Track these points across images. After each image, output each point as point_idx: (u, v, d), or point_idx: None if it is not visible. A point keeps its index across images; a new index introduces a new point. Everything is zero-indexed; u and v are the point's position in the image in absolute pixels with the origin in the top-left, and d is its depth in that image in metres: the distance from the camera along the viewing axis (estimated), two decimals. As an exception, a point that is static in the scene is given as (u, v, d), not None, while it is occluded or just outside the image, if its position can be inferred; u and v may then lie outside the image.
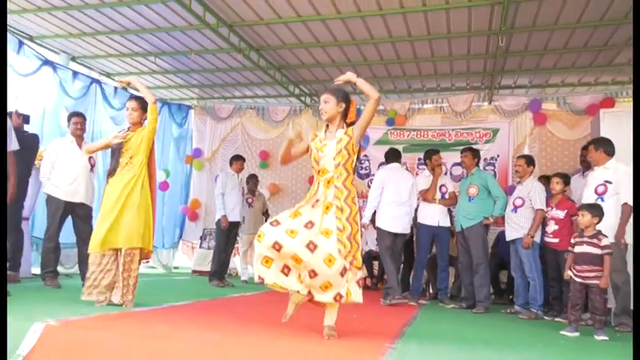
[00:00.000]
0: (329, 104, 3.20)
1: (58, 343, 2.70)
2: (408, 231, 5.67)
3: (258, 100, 9.43)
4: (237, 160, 7.05)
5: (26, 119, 5.42)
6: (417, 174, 8.11)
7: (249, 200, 7.38)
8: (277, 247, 2.94)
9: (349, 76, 3.22)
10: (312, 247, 2.94)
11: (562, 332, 3.96)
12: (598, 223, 4.08)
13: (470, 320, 4.66)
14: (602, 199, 4.37)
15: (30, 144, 5.15)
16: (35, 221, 6.25)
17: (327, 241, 2.95)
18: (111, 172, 3.96)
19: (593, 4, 5.38)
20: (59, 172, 5.03)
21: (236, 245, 7.61)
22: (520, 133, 8.00)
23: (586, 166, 5.51)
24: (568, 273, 4.11)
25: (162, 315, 3.67)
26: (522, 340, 3.69)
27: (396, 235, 5.51)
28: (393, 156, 5.85)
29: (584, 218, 4.08)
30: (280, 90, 8.70)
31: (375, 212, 5.55)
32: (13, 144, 4.46)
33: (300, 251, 2.91)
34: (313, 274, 2.94)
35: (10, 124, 4.46)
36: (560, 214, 4.94)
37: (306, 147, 3.35)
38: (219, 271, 6.62)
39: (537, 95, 7.97)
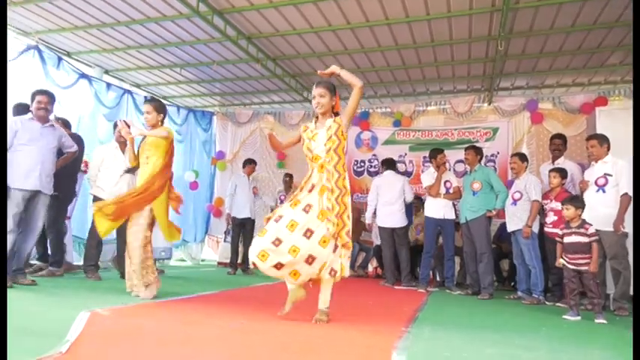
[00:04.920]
0: (325, 98, 3.17)
1: (103, 329, 2.73)
2: (403, 224, 6.12)
3: (275, 106, 9.44)
4: (250, 163, 7.32)
5: (66, 124, 5.47)
6: (422, 171, 8.12)
7: (282, 197, 7.42)
8: (277, 242, 2.94)
9: (334, 68, 3.18)
10: (308, 234, 2.96)
11: (564, 317, 3.91)
12: (582, 213, 4.05)
13: (476, 306, 4.62)
14: (604, 191, 4.31)
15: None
16: (84, 221, 6.32)
17: (322, 224, 2.99)
18: (131, 169, 3.93)
19: (586, 9, 5.29)
20: (104, 176, 5.08)
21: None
22: (518, 131, 7.90)
23: (554, 155, 5.44)
24: (560, 261, 4.08)
25: (193, 303, 3.70)
26: (527, 324, 3.64)
27: (393, 229, 6.05)
28: (387, 164, 6.43)
29: (569, 211, 4.05)
30: (295, 96, 8.69)
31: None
32: (74, 146, 4.61)
33: (298, 242, 2.94)
34: (311, 259, 2.94)
35: (62, 130, 4.54)
36: (559, 205, 4.85)
37: (298, 137, 3.35)
38: (233, 261, 7.04)
39: (534, 96, 7.86)
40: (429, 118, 8.42)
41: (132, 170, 3.95)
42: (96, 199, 5.05)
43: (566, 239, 4.02)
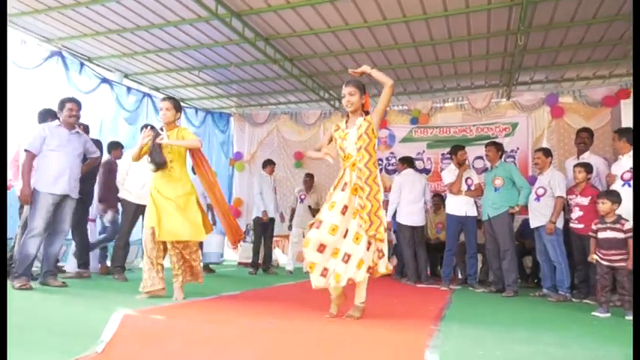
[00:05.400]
0: (355, 97, 3.22)
1: (136, 329, 2.78)
2: (424, 223, 6.25)
3: (291, 106, 9.47)
4: (270, 164, 7.33)
5: (86, 129, 5.56)
6: (441, 169, 8.06)
7: (302, 196, 7.44)
8: (321, 248, 3.05)
9: (365, 68, 3.21)
10: (345, 234, 3.05)
11: (594, 313, 3.84)
12: (617, 208, 3.98)
13: (501, 303, 4.58)
14: (630, 185, 4.23)
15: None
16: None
17: (354, 222, 3.06)
18: (158, 168, 3.84)
19: (608, 1, 5.19)
20: (131, 179, 5.16)
21: (275, 239, 7.77)
22: (538, 126, 7.80)
23: (580, 149, 5.33)
24: (593, 257, 4.01)
25: (221, 303, 3.74)
26: (556, 321, 3.60)
27: (413, 227, 6.07)
28: (407, 162, 6.46)
29: (605, 205, 3.97)
30: (311, 95, 8.71)
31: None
32: (97, 152, 4.73)
33: (338, 243, 3.04)
34: (347, 257, 3.00)
35: (86, 136, 4.64)
36: (585, 200, 4.79)
37: (330, 138, 3.41)
38: (255, 261, 7.02)
39: (554, 90, 7.74)
40: (446, 115, 8.37)
41: (156, 170, 3.91)
42: (124, 202, 5.13)
43: (601, 234, 3.95)
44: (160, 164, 3.84)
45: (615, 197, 3.99)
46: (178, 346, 2.59)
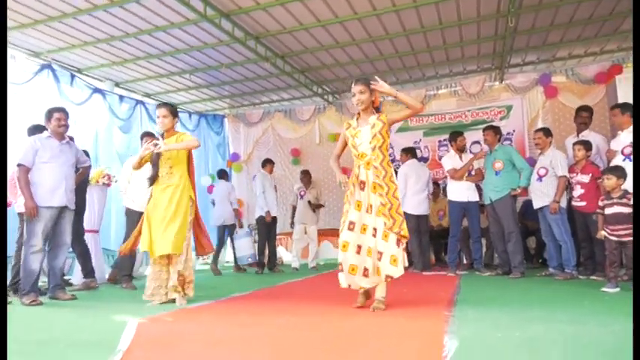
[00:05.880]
0: (365, 95, 3.26)
1: (152, 337, 2.78)
2: (428, 212, 6.34)
3: (285, 103, 9.45)
4: (269, 163, 7.30)
5: (71, 139, 5.51)
6: (439, 156, 8.09)
7: (302, 193, 7.43)
8: (359, 249, 3.15)
9: (389, 90, 3.24)
10: (374, 232, 3.14)
11: (603, 289, 3.88)
12: (623, 183, 4.00)
13: (510, 285, 4.61)
14: (630, 160, 4.26)
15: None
16: (108, 234, 6.42)
17: (380, 220, 3.11)
18: (152, 181, 3.87)
19: (596, -23, 5.21)
20: (134, 187, 5.12)
21: (278, 237, 7.77)
22: (533, 107, 7.84)
23: (580, 128, 5.37)
24: (602, 233, 4.04)
25: (233, 304, 3.74)
26: (567, 299, 3.62)
27: (418, 216, 6.13)
28: (410, 152, 6.57)
29: (610, 181, 4.00)
30: (304, 91, 8.70)
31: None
32: (88, 161, 4.73)
33: (370, 242, 3.15)
34: (379, 255, 3.06)
35: (76, 145, 4.57)
36: (585, 178, 4.83)
37: (344, 139, 3.43)
38: (261, 260, 6.99)
39: (546, 70, 7.77)
40: (440, 102, 8.38)
41: (153, 181, 3.92)
42: (128, 211, 5.10)
43: (608, 210, 3.98)
44: (152, 180, 3.88)
45: (620, 172, 4.01)
46: (196, 350, 2.59)
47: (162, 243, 3.73)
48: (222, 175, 7.60)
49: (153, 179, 3.88)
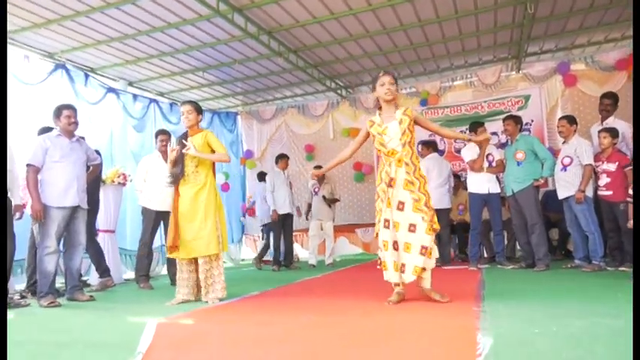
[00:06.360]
0: (394, 86, 3.25)
1: (172, 337, 2.69)
2: (448, 206, 6.21)
3: (298, 99, 9.33)
4: (282, 158, 7.15)
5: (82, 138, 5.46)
6: (455, 149, 7.93)
7: (315, 189, 7.33)
8: (396, 246, 3.13)
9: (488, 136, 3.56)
10: (412, 228, 3.11)
11: (636, 280, 3.71)
12: None
13: (535, 278, 4.45)
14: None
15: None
16: (124, 234, 6.38)
17: (418, 216, 3.10)
18: (176, 180, 3.81)
19: (619, -41, 5.00)
20: (150, 186, 5.05)
21: (294, 233, 7.68)
22: (551, 96, 7.63)
23: (606, 115, 5.16)
24: (631, 223, 3.85)
25: (253, 303, 3.65)
26: (600, 292, 3.46)
27: (439, 210, 5.83)
28: (432, 146, 6.45)
29: (642, 168, 3.80)
30: (317, 86, 8.58)
31: None
32: (98, 158, 4.60)
33: (407, 238, 3.11)
34: (424, 249, 3.06)
35: (86, 143, 4.48)
36: (612, 166, 4.64)
37: (365, 134, 3.40)
38: (277, 257, 6.90)
39: (564, 58, 7.54)
40: (456, 94, 8.21)
41: (174, 183, 3.86)
42: (145, 210, 5.04)
43: (638, 199, 3.80)
44: (177, 179, 3.81)
45: None
46: (217, 350, 2.50)
47: (197, 245, 3.70)
48: (263, 176, 7.75)
49: (178, 178, 3.81)
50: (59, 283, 4.71)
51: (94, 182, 4.94)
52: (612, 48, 7.34)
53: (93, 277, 5.34)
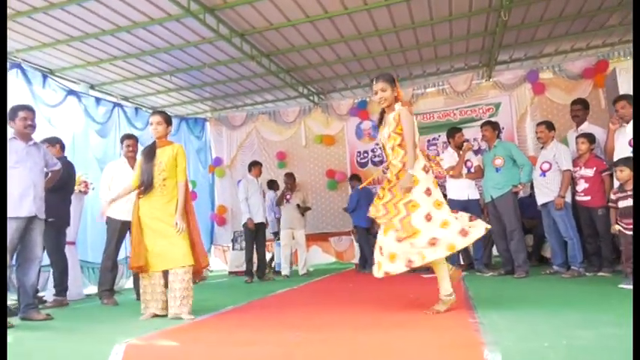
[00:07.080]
0: (387, 92, 3.09)
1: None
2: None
3: (269, 105, 9.09)
4: (256, 165, 6.98)
5: (62, 147, 5.06)
6: (427, 156, 7.88)
7: (288, 197, 7.08)
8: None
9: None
10: (429, 217, 2.92)
11: (621, 286, 3.66)
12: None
13: (518, 285, 4.38)
14: (638, 151, 4.08)
15: (70, 171, 4.81)
16: (85, 245, 5.94)
17: (440, 212, 2.97)
18: (143, 191, 3.58)
19: (590, -31, 5.08)
20: (115, 194, 4.66)
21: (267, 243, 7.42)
22: (521, 104, 7.73)
23: (578, 121, 5.21)
24: (615, 227, 3.83)
25: (232, 319, 3.38)
26: (587, 298, 3.40)
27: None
28: None
29: (624, 173, 3.80)
30: (289, 92, 8.38)
31: None
32: (58, 164, 4.16)
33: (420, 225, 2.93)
34: (435, 240, 2.88)
35: (44, 147, 4.09)
36: (590, 172, 4.65)
37: None
38: (249, 268, 6.65)
39: (533, 66, 7.66)
40: (428, 101, 8.19)
41: (145, 192, 3.57)
42: (109, 220, 4.64)
43: (622, 203, 3.78)
44: (143, 189, 3.59)
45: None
46: (198, 376, 2.23)
47: (173, 254, 3.46)
48: (272, 185, 7.71)
49: (147, 189, 3.57)
50: (12, 300, 4.26)
51: (63, 191, 4.55)
52: (577, 57, 7.51)
53: (49, 294, 4.89)
